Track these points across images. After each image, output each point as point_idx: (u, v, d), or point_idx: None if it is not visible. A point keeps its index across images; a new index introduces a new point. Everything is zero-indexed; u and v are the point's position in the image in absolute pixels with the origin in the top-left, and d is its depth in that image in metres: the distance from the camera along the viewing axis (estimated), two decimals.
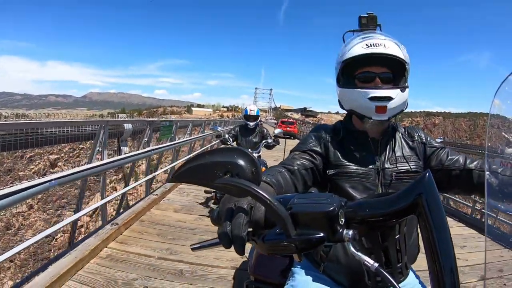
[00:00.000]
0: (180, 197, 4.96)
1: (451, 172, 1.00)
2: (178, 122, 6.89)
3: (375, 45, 0.94)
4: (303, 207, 0.50)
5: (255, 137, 4.22)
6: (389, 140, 1.05)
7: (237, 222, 0.49)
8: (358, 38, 0.99)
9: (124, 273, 2.56)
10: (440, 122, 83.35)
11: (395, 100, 0.94)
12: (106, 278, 2.46)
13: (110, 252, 2.92)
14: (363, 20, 1.04)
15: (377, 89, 0.95)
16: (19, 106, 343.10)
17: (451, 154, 1.04)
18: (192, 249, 0.57)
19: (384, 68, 0.97)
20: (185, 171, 0.54)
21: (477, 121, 77.86)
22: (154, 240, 3.29)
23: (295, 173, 0.93)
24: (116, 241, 3.16)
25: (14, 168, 15.34)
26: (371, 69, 0.97)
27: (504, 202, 0.79)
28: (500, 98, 0.58)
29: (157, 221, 3.83)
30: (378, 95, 0.94)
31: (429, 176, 0.47)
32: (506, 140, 0.65)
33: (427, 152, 1.05)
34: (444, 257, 0.43)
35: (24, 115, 16.58)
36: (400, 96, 0.95)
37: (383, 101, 0.94)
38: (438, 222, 0.44)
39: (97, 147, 3.31)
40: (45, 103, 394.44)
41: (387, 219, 0.52)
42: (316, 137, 1.05)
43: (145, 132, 4.57)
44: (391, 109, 0.95)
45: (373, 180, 0.98)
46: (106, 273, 2.54)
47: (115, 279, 2.46)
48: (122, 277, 2.49)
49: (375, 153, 1.01)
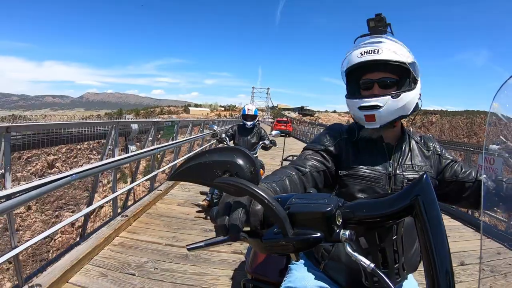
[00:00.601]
0: (183, 192, 5.24)
1: (464, 184, 1.00)
2: (180, 122, 7.17)
3: (368, 52, 0.93)
4: (301, 207, 0.50)
5: (252, 137, 4.21)
6: (404, 147, 1.04)
7: (235, 216, 0.51)
8: (356, 45, 0.99)
9: (135, 257, 2.85)
10: (437, 120, 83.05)
11: (384, 108, 0.93)
12: (120, 262, 2.75)
13: (122, 240, 3.21)
14: (371, 23, 1.01)
15: (365, 99, 0.95)
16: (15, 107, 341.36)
17: (464, 167, 1.04)
18: (188, 249, 0.57)
19: (384, 73, 0.95)
20: (184, 170, 0.55)
21: (474, 119, 77.89)
22: (160, 229, 3.58)
23: (307, 175, 0.92)
24: (126, 231, 3.45)
25: (11, 169, 15.32)
26: (370, 76, 0.97)
27: (500, 205, 0.88)
28: (499, 102, 0.58)
29: (163, 214, 4.12)
30: (365, 104, 0.94)
31: (426, 178, 0.48)
32: (504, 139, 0.64)
33: (442, 163, 1.05)
34: (439, 259, 0.43)
35: (21, 116, 16.64)
36: (392, 103, 0.93)
37: (371, 110, 0.94)
38: (434, 224, 0.45)
39: (109, 145, 3.58)
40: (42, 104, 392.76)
41: (384, 220, 0.52)
42: (331, 136, 1.04)
43: (150, 132, 4.84)
44: (382, 117, 0.94)
45: (384, 185, 0.97)
46: (119, 257, 2.83)
47: (128, 262, 2.75)
48: (134, 261, 2.78)
49: (388, 158, 1.00)
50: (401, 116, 0.96)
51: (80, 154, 22.90)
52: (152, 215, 4.05)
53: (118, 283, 2.41)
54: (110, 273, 2.54)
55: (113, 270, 2.60)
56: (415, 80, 0.96)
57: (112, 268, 2.63)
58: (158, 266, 2.73)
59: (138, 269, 2.64)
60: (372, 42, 0.96)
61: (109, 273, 2.55)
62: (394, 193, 0.51)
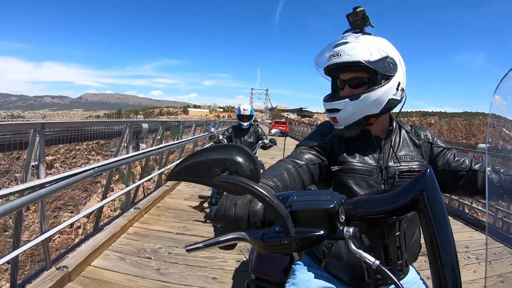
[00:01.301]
0: (189, 188, 5.52)
1: (457, 173, 1.00)
2: (184, 122, 7.56)
3: (333, 55, 0.96)
4: (303, 205, 0.49)
5: (249, 137, 4.08)
6: (393, 138, 1.04)
7: (240, 213, 0.55)
8: (330, 46, 1.00)
9: (150, 244, 3.13)
10: (436, 122, 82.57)
11: (344, 110, 0.96)
12: (136, 248, 3.02)
13: (136, 230, 3.49)
14: (350, 17, 1.00)
15: (327, 102, 1.01)
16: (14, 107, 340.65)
17: (457, 155, 1.04)
18: (187, 250, 0.56)
19: (354, 73, 0.97)
20: (182, 169, 0.53)
21: (473, 121, 77.96)
22: (170, 220, 3.87)
23: (303, 167, 0.93)
24: (139, 222, 3.74)
25: (10, 170, 15.39)
26: (342, 77, 0.99)
27: (505, 200, 0.85)
28: (500, 94, 0.58)
29: (171, 207, 4.41)
30: (328, 107, 1.00)
31: (430, 172, 0.47)
32: (505, 138, 0.65)
33: (433, 152, 1.05)
34: (445, 254, 0.43)
35: (20, 116, 16.77)
36: (351, 105, 0.96)
37: (332, 113, 0.99)
38: (439, 219, 0.44)
39: (123, 143, 3.87)
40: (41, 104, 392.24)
41: (388, 216, 0.51)
42: (322, 133, 1.05)
43: (158, 131, 5.13)
44: (343, 119, 0.98)
45: (376, 177, 0.98)
46: (135, 244, 3.11)
47: (144, 248, 3.03)
48: (149, 247, 3.06)
49: (378, 151, 1.01)
50: (369, 115, 0.97)
51: (79, 154, 23.01)
52: (161, 208, 4.34)
53: (137, 265, 2.68)
54: (128, 257, 2.81)
55: (131, 255, 2.87)
56: (387, 76, 0.96)
57: (129, 253, 2.90)
58: (171, 251, 3.00)
59: (153, 254, 2.92)
60: (338, 44, 0.97)
61: (127, 257, 2.82)
62: (396, 189, 0.51)
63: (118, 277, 2.46)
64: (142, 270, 2.60)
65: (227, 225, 0.57)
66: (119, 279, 2.43)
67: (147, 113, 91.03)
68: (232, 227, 0.56)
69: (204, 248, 0.55)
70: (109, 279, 2.42)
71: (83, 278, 2.42)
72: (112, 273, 2.52)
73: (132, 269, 2.60)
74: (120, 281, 2.40)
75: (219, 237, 0.54)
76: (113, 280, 2.40)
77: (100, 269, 2.61)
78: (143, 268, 2.64)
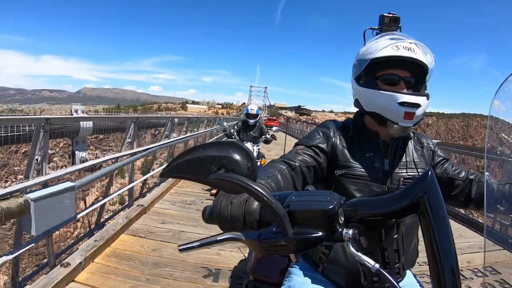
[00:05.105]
0: (192, 183, 5.85)
1: (453, 181, 1.01)
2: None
3: (405, 48, 0.90)
4: (301, 205, 0.49)
5: (255, 132, 5.05)
6: (400, 144, 1.02)
7: (236, 211, 0.54)
8: (386, 38, 0.95)
9: (161, 228, 3.58)
10: (434, 122, 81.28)
11: (422, 107, 0.91)
12: (150, 229, 3.50)
13: (148, 217, 3.93)
14: (386, 19, 0.98)
15: (408, 95, 0.90)
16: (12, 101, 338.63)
17: (455, 166, 1.05)
18: (180, 250, 0.56)
19: (407, 73, 0.93)
20: (176, 165, 0.51)
21: (470, 122, 77.51)
22: (181, 209, 4.37)
23: (296, 169, 0.91)
24: (155, 206, 4.31)
25: (8, 163, 15.40)
26: (396, 72, 0.93)
27: (501, 209, 0.84)
28: (500, 99, 0.57)
29: (178, 199, 4.86)
30: (409, 100, 0.89)
31: (432, 175, 0.46)
32: (504, 142, 0.64)
33: (434, 160, 1.06)
34: (445, 257, 0.42)
35: (18, 110, 16.85)
36: (425, 104, 0.92)
37: (412, 108, 0.89)
38: (440, 222, 0.44)
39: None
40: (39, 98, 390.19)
41: (388, 218, 0.51)
42: (324, 134, 1.01)
43: (167, 127, 5.58)
44: (417, 116, 0.91)
45: (380, 184, 0.95)
46: (149, 227, 3.58)
47: (157, 230, 3.50)
48: (161, 229, 3.53)
49: (384, 157, 0.98)
50: (422, 118, 0.95)
51: None
52: (170, 198, 4.82)
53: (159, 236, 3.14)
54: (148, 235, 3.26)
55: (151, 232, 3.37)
56: (425, 86, 0.96)
57: (144, 235, 3.35)
58: (182, 233, 3.50)
59: (169, 232, 3.46)
60: (407, 40, 0.92)
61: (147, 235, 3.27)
62: (396, 191, 0.50)
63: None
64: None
65: (222, 225, 0.57)
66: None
67: (146, 109, 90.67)
68: (227, 226, 0.56)
69: (197, 248, 0.55)
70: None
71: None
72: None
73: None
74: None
75: (214, 237, 0.55)
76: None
77: (133, 236, 3.03)
78: (163, 237, 3.08)
